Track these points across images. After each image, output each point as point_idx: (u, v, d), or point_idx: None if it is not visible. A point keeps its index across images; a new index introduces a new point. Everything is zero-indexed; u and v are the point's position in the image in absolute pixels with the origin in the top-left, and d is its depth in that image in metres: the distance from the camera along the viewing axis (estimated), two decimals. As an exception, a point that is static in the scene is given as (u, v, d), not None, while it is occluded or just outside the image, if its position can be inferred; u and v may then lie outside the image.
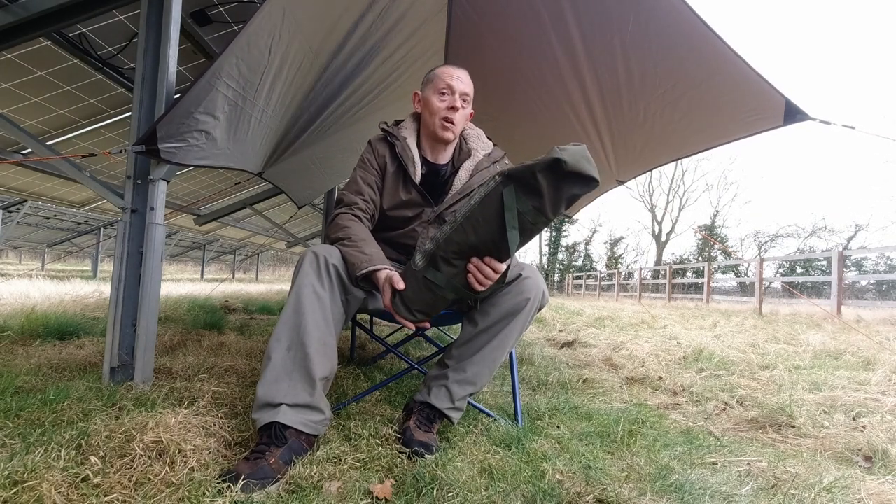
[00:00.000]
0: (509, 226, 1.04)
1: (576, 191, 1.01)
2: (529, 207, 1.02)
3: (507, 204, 1.02)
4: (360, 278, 1.21)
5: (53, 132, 3.35)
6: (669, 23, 1.99)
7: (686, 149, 2.91)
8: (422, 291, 1.16)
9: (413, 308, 1.17)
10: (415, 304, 1.17)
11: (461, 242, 1.10)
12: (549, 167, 0.98)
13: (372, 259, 1.22)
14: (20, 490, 0.85)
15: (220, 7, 2.55)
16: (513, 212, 1.03)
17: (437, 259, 1.13)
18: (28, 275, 7.96)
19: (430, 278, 1.14)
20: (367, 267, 1.20)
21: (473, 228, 1.08)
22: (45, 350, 2.16)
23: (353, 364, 2.24)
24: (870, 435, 1.44)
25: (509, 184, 1.02)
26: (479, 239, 1.08)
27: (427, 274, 1.14)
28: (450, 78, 1.46)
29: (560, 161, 0.96)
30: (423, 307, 1.17)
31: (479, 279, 1.12)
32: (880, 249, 20.04)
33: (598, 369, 2.54)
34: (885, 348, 3.26)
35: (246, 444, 1.18)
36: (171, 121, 1.51)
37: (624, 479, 1.10)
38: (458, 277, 1.13)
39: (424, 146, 1.53)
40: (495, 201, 1.04)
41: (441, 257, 1.12)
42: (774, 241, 26.02)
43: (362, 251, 1.24)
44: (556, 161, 0.97)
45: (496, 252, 1.10)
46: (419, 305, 1.17)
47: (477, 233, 1.08)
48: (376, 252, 1.27)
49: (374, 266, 1.20)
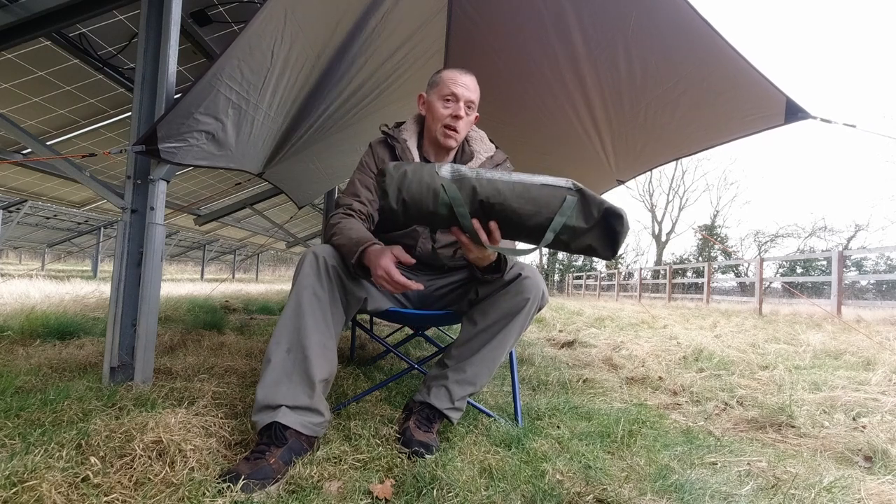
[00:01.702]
0: (552, 228, 1.08)
1: (599, 247, 1.10)
2: (573, 225, 1.09)
3: (563, 210, 1.08)
4: (355, 265, 1.19)
5: (53, 132, 3.35)
6: (670, 21, 1.99)
7: (687, 147, 2.91)
8: (425, 191, 1.08)
9: (403, 191, 1.08)
10: (409, 192, 1.08)
11: (504, 197, 1.08)
12: (612, 214, 1.08)
13: (360, 240, 1.20)
14: (20, 490, 0.85)
15: (220, 7, 2.55)
16: (563, 217, 1.08)
17: (466, 183, 1.08)
18: (28, 275, 7.97)
19: (447, 189, 1.08)
20: (357, 249, 1.18)
21: (521, 198, 1.09)
22: (45, 350, 2.16)
23: (353, 364, 2.24)
24: (870, 435, 1.44)
25: (577, 196, 1.09)
26: (519, 210, 1.08)
27: (445, 185, 1.08)
28: (455, 85, 1.43)
29: (622, 218, 1.07)
30: (411, 201, 1.08)
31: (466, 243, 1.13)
32: (880, 249, 20.05)
33: (598, 369, 2.54)
34: (885, 348, 3.26)
35: (246, 444, 1.18)
36: (171, 121, 1.51)
37: (624, 479, 1.10)
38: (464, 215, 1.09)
39: (426, 148, 1.52)
40: (557, 199, 1.09)
41: (473, 188, 1.08)
42: (774, 241, 26.02)
43: (349, 238, 1.23)
44: (620, 217, 1.08)
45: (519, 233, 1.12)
46: (409, 196, 1.08)
47: (521, 205, 1.09)
48: (363, 234, 1.24)
49: (363, 244, 1.18)
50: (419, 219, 1.13)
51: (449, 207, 1.09)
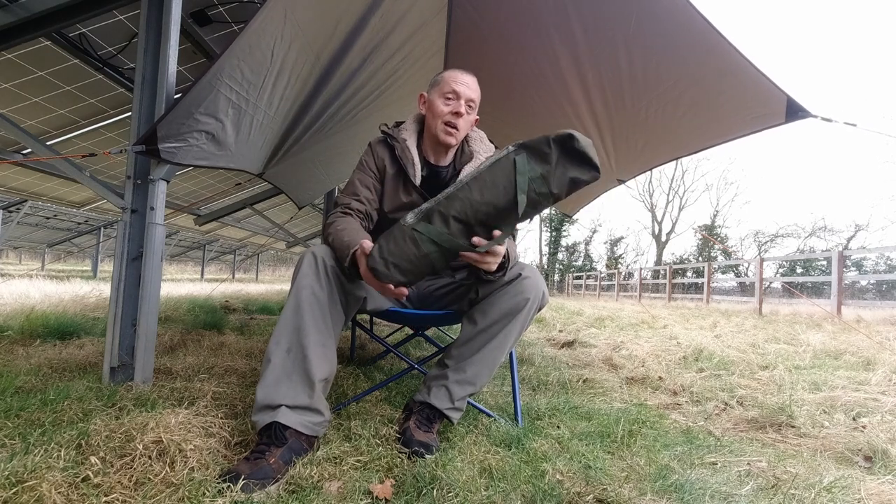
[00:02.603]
0: (520, 189, 1.06)
1: (578, 174, 1.07)
2: (538, 174, 1.07)
3: (519, 169, 1.07)
4: (349, 266, 1.19)
5: (53, 132, 3.35)
6: (671, 20, 1.99)
7: (687, 147, 2.90)
8: (404, 244, 1.09)
9: (390, 261, 1.10)
10: (393, 255, 1.09)
11: (465, 200, 1.08)
12: (562, 139, 1.06)
13: (350, 243, 1.20)
14: (20, 490, 0.85)
15: (220, 7, 2.55)
16: (524, 176, 1.06)
17: (432, 214, 1.10)
18: (28, 275, 7.97)
19: (420, 230, 1.09)
20: (348, 252, 1.18)
21: (480, 190, 1.08)
22: (45, 350, 2.16)
23: (353, 364, 2.24)
24: (870, 435, 1.44)
25: (522, 152, 1.08)
26: (485, 199, 1.07)
27: (417, 227, 1.09)
28: (456, 83, 1.44)
29: (573, 136, 1.05)
30: (401, 261, 1.10)
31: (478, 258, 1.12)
32: (880, 249, 20.05)
33: (598, 369, 2.54)
34: (885, 348, 3.26)
35: (246, 444, 1.18)
36: (171, 121, 1.51)
37: (624, 479, 1.10)
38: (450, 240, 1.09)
39: (426, 148, 1.52)
40: (507, 166, 1.08)
41: (439, 213, 1.09)
42: (774, 241, 26.05)
43: (342, 240, 1.23)
44: (570, 136, 1.06)
45: (501, 218, 1.09)
46: (398, 259, 1.09)
47: (483, 194, 1.08)
48: (354, 235, 1.24)
49: (352, 248, 1.18)
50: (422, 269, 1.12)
51: (434, 243, 1.09)
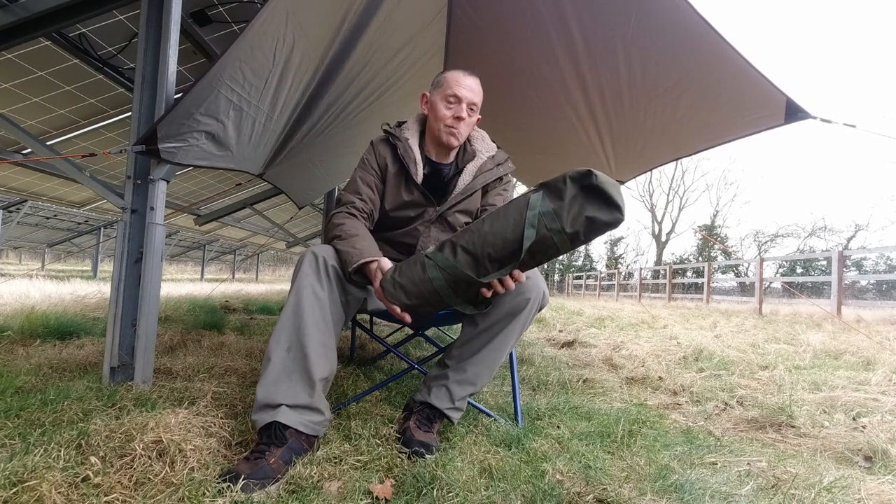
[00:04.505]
0: (528, 223, 1.06)
1: (596, 214, 1.03)
2: (549, 209, 1.05)
3: (531, 204, 1.07)
4: (353, 272, 1.21)
5: (53, 132, 3.35)
6: (671, 20, 1.99)
7: (687, 147, 2.90)
8: (414, 267, 1.14)
9: (398, 281, 1.14)
10: (403, 276, 1.15)
11: (476, 231, 1.11)
12: (580, 176, 1.04)
13: (363, 252, 1.22)
14: (20, 490, 0.85)
15: (220, 7, 2.55)
16: (535, 210, 1.06)
17: (446, 243, 1.14)
18: (28, 275, 7.97)
19: (429, 255, 1.14)
20: (357, 260, 1.20)
21: (491, 223, 1.11)
22: (45, 350, 2.16)
23: (353, 364, 2.24)
24: (870, 435, 1.44)
25: (539, 189, 1.09)
26: (493, 230, 1.09)
27: (429, 253, 1.14)
28: (458, 87, 1.44)
29: (591, 173, 1.03)
30: (407, 283, 1.14)
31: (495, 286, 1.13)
32: (880, 249, 20.06)
33: (598, 369, 2.54)
34: (885, 348, 3.26)
35: (246, 444, 1.18)
36: (171, 121, 1.51)
37: (624, 479, 1.10)
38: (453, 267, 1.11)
39: (428, 146, 1.53)
40: (521, 202, 1.09)
41: (451, 242, 1.14)
42: (774, 241, 26.03)
43: (353, 245, 1.24)
44: (588, 173, 1.03)
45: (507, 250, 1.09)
46: (405, 280, 1.14)
47: (493, 226, 1.10)
48: (367, 245, 1.26)
49: (364, 259, 1.20)
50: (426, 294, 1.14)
51: (439, 269, 1.12)
